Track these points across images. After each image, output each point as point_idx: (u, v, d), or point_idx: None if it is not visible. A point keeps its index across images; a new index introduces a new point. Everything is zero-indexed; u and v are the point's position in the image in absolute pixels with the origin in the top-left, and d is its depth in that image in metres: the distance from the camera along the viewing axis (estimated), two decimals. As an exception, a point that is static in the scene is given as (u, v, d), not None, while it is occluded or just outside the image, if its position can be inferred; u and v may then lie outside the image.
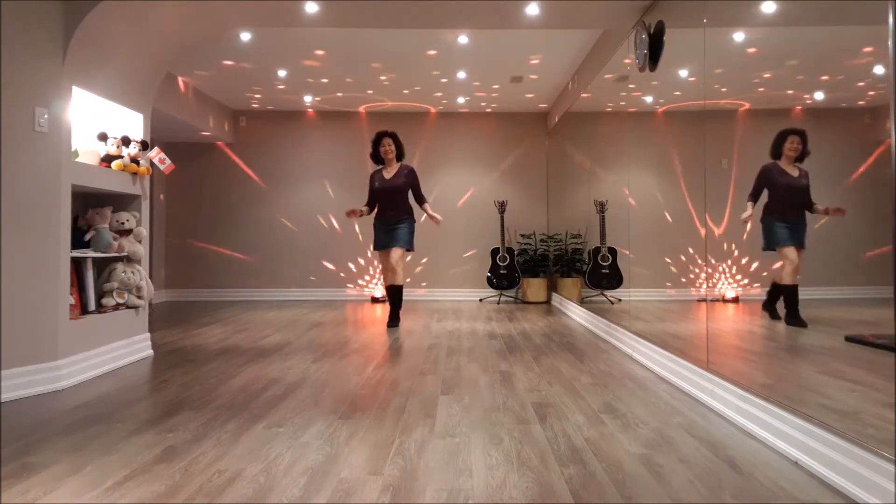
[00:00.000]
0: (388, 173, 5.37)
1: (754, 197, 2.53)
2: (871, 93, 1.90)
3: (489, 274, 7.62)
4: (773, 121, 2.51)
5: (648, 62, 3.61)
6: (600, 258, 5.72)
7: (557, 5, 3.81)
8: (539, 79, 6.42)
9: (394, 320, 5.36)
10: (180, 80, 6.41)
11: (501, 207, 7.65)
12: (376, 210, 5.41)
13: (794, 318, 2.41)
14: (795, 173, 2.35)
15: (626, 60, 4.19)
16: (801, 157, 2.33)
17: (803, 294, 2.37)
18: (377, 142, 5.39)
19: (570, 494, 1.78)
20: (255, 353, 4.08)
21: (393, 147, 5.35)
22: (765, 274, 2.59)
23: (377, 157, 5.43)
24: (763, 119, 2.60)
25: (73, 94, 3.31)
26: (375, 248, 5.43)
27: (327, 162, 8.00)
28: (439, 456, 2.10)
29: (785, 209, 2.42)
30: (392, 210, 5.30)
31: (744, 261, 2.71)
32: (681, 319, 3.62)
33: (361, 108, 7.87)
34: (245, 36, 5.14)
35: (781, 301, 2.48)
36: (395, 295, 5.32)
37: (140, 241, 3.86)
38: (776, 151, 2.39)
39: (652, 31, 3.55)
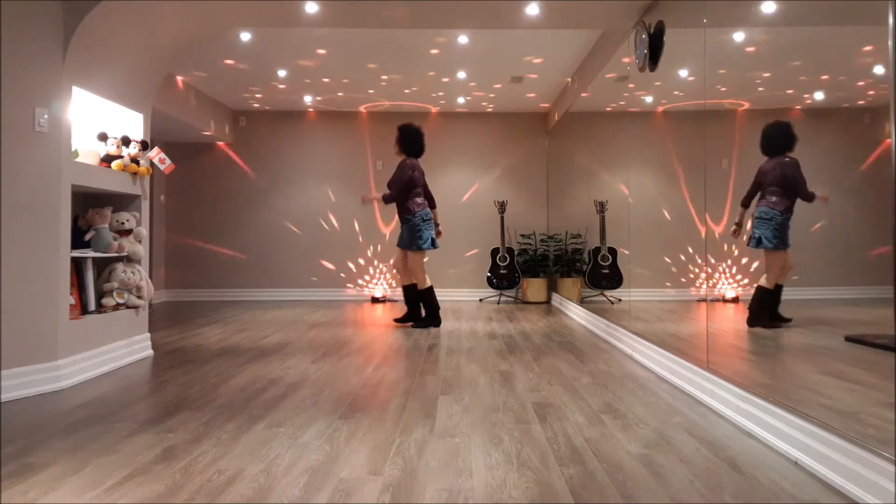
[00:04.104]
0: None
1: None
2: (871, 92, 1.90)
3: (489, 274, 7.62)
4: (772, 120, 2.51)
5: (648, 62, 3.61)
6: (600, 258, 5.72)
7: (557, 5, 3.81)
8: (539, 78, 6.42)
9: (407, 318, 5.42)
10: (180, 80, 6.40)
11: (501, 207, 7.65)
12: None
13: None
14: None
15: (626, 59, 4.19)
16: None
17: (803, 294, 2.37)
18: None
19: (570, 494, 1.78)
20: (255, 353, 4.08)
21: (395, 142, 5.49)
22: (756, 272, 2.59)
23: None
24: (763, 119, 2.60)
25: (73, 94, 3.31)
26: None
27: (327, 162, 7.99)
28: (439, 456, 2.10)
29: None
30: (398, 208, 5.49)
31: (744, 260, 2.71)
32: (681, 319, 3.62)
33: (361, 108, 7.87)
34: (245, 36, 5.14)
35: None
36: (406, 294, 5.43)
37: (140, 241, 3.86)
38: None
39: (652, 31, 3.55)
